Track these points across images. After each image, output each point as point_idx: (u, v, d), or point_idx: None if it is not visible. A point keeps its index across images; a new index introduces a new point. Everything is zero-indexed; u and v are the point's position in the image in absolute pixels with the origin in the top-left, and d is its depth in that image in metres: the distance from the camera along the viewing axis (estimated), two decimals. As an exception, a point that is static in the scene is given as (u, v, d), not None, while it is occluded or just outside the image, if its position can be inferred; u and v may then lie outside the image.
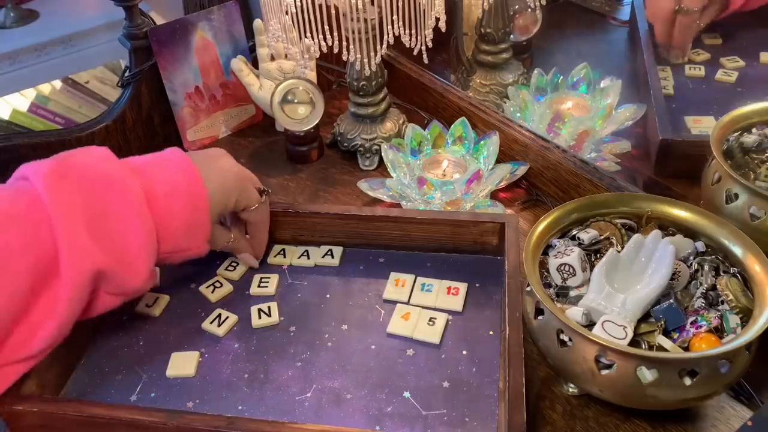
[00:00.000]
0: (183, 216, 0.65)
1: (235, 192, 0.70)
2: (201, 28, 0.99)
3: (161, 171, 0.65)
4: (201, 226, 0.67)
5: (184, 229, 0.65)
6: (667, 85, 0.96)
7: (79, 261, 0.57)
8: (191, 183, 0.66)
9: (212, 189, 0.67)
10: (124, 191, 0.61)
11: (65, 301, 0.57)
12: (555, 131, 0.93)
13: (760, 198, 0.67)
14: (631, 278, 0.63)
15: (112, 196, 0.61)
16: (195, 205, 0.65)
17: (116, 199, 0.61)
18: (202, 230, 0.67)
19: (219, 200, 0.68)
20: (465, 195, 0.83)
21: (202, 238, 0.68)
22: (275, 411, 0.62)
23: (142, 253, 0.62)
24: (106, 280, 0.60)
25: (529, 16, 1.10)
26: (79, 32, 2.04)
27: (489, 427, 0.59)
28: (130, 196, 0.61)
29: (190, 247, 0.67)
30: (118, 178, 0.62)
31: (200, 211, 0.66)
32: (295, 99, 0.95)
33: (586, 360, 0.57)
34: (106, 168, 0.62)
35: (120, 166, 0.63)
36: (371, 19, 0.82)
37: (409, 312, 0.70)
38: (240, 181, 0.71)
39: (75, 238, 0.57)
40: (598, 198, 0.70)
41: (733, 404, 0.63)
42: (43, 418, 0.59)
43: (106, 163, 0.63)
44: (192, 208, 0.65)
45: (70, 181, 0.60)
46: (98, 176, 0.61)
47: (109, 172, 0.62)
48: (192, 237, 0.67)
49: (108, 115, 0.99)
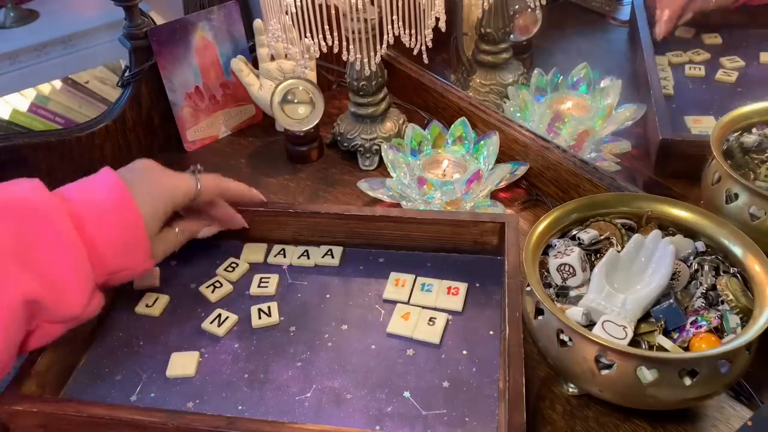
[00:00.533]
0: (116, 236, 0.63)
1: (168, 200, 0.68)
2: (201, 28, 0.99)
3: (89, 194, 0.64)
4: (138, 243, 0.65)
5: (119, 249, 0.63)
6: (667, 85, 0.96)
7: (6, 290, 0.56)
8: (120, 201, 0.64)
9: (144, 203, 0.65)
10: (50, 219, 0.59)
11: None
12: (555, 131, 0.93)
13: (760, 198, 0.67)
14: (631, 278, 0.63)
15: (38, 225, 0.59)
16: (127, 222, 0.64)
17: (42, 228, 0.59)
18: (140, 247, 0.65)
19: (154, 217, 0.66)
20: (465, 195, 0.83)
21: (142, 255, 0.66)
22: (275, 411, 0.62)
23: (75, 279, 0.60)
24: (41, 308, 0.58)
25: (529, 16, 1.10)
26: (79, 32, 2.04)
27: (489, 427, 0.59)
28: (56, 223, 0.59)
29: (131, 265, 0.65)
30: (43, 207, 0.60)
31: (134, 228, 0.64)
32: (295, 99, 0.95)
33: (586, 360, 0.57)
34: (31, 198, 0.60)
35: (47, 197, 0.61)
36: (371, 19, 0.82)
37: (409, 312, 0.70)
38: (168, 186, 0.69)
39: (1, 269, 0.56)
40: (598, 198, 0.70)
41: (733, 404, 0.63)
42: (43, 418, 0.59)
43: (32, 194, 0.61)
44: (124, 226, 0.64)
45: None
46: (23, 207, 0.59)
47: (34, 203, 0.60)
48: (131, 255, 0.65)
49: (108, 115, 0.99)
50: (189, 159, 1.03)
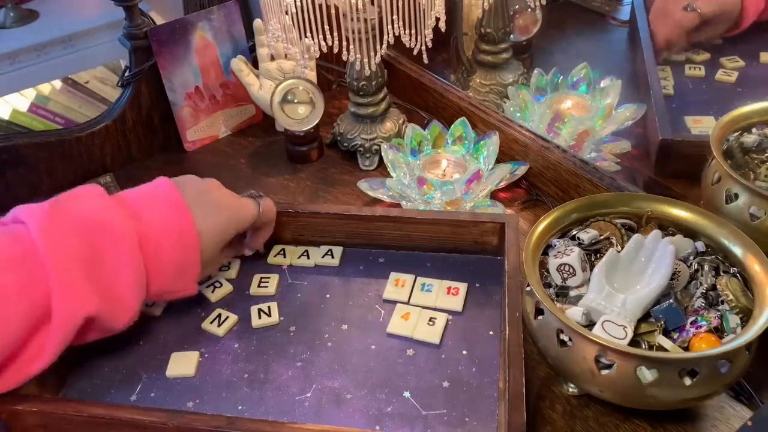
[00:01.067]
0: (173, 258, 0.64)
1: (230, 223, 0.69)
2: (201, 28, 0.99)
3: (153, 211, 0.64)
4: (190, 268, 0.66)
5: (173, 271, 0.65)
6: (667, 85, 0.96)
7: (72, 306, 0.58)
8: (182, 224, 0.65)
9: (204, 228, 0.66)
10: (117, 234, 0.61)
11: (53, 345, 0.58)
12: (555, 131, 0.93)
13: (760, 198, 0.67)
14: (631, 278, 0.63)
15: (105, 239, 0.61)
16: (185, 247, 0.65)
17: (110, 243, 0.61)
18: (191, 271, 0.66)
19: (213, 243, 0.67)
20: (465, 195, 0.83)
21: (191, 280, 0.67)
22: (275, 411, 0.62)
23: (132, 296, 0.62)
24: (96, 320, 0.60)
25: (529, 16, 1.10)
26: (79, 32, 2.04)
27: (489, 427, 0.59)
28: (123, 240, 0.61)
29: (178, 288, 0.67)
30: (111, 221, 0.61)
31: (190, 253, 0.65)
32: (295, 99, 0.95)
33: (586, 360, 0.57)
34: (99, 210, 0.62)
35: (114, 209, 0.62)
36: (371, 19, 0.82)
37: (409, 312, 0.70)
38: (232, 210, 0.70)
39: (68, 283, 0.58)
40: (598, 198, 0.70)
41: (733, 404, 0.63)
42: (43, 418, 0.59)
43: (100, 206, 0.62)
44: (182, 250, 0.65)
45: (64, 225, 0.60)
46: (92, 219, 0.61)
47: (102, 216, 0.62)
48: (181, 279, 0.66)
49: (108, 115, 0.99)
50: (189, 159, 1.03)
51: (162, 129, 1.03)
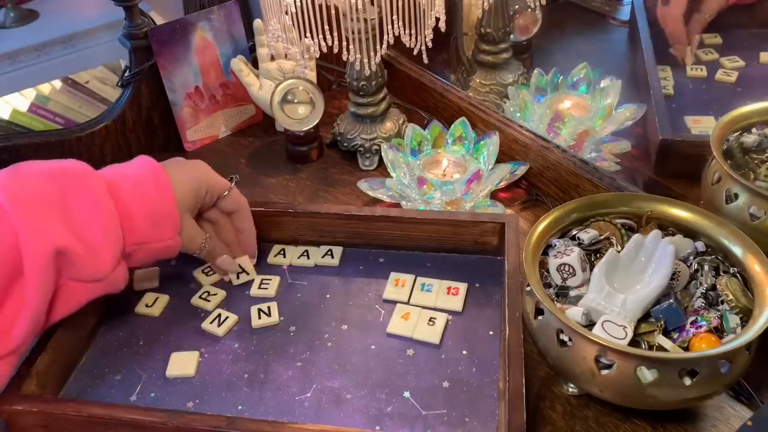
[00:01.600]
0: (147, 205, 0.65)
1: (202, 183, 0.70)
2: (201, 28, 0.99)
3: (125, 167, 0.67)
4: (168, 216, 0.66)
5: (149, 218, 0.65)
6: (667, 85, 0.96)
7: (40, 239, 0.57)
8: (155, 174, 0.67)
9: (177, 180, 0.68)
10: (85, 182, 0.62)
11: (33, 289, 0.57)
12: (555, 131, 0.93)
13: (760, 198, 0.67)
14: (631, 278, 0.63)
15: (73, 186, 0.62)
16: (160, 194, 0.66)
17: (77, 189, 0.62)
18: (169, 220, 0.67)
19: (186, 192, 0.69)
20: (465, 195, 0.83)
21: (170, 230, 0.67)
22: (275, 411, 0.62)
23: (105, 239, 0.62)
24: (69, 263, 0.60)
25: (529, 16, 1.10)
26: (79, 32, 2.04)
27: (489, 427, 0.59)
28: (91, 186, 0.62)
29: (158, 238, 0.66)
30: (83, 174, 0.63)
31: (166, 201, 0.66)
32: (295, 99, 0.95)
33: (586, 360, 0.57)
34: (73, 167, 0.64)
35: (88, 168, 0.64)
36: (371, 19, 0.82)
37: (409, 312, 0.70)
38: (205, 175, 0.71)
39: (34, 221, 0.58)
40: (598, 198, 0.70)
41: (733, 404, 0.63)
42: (43, 418, 0.59)
43: (75, 165, 0.64)
44: (157, 197, 0.66)
45: (29, 175, 0.61)
46: (59, 170, 0.62)
47: (76, 170, 0.63)
48: (159, 228, 0.66)
49: (108, 115, 0.99)
50: (189, 159, 1.03)
51: (162, 129, 1.03)
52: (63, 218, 0.60)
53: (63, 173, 0.62)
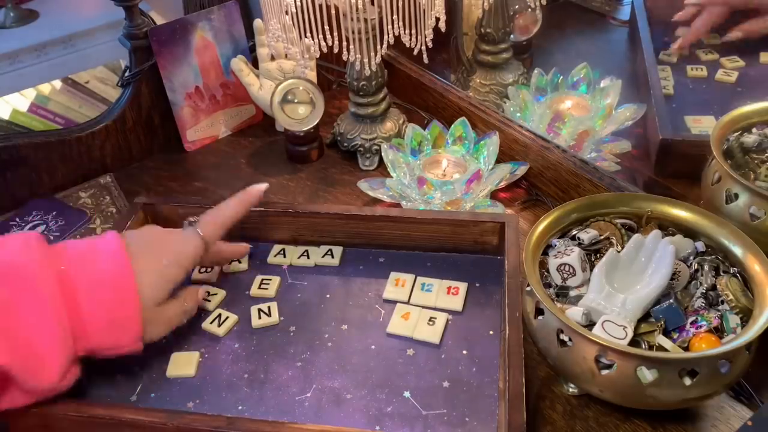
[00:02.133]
0: (105, 312, 0.59)
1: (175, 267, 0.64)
2: (201, 28, 0.99)
3: (89, 261, 0.60)
4: (128, 322, 0.60)
5: (106, 326, 0.59)
6: (667, 85, 0.96)
7: None
8: (119, 275, 0.60)
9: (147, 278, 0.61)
10: (35, 285, 0.56)
11: None
12: (555, 131, 0.93)
13: (760, 198, 0.67)
14: (631, 278, 0.63)
15: (21, 290, 0.56)
16: (121, 299, 0.59)
17: (26, 293, 0.56)
18: (130, 326, 0.60)
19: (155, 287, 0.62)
20: (465, 195, 0.83)
21: (131, 336, 0.60)
22: (275, 411, 0.62)
23: (52, 353, 0.56)
24: (11, 376, 0.55)
25: (529, 16, 1.10)
26: (79, 32, 2.04)
27: (489, 427, 0.59)
28: (41, 289, 0.56)
29: (116, 345, 0.60)
30: (30, 269, 0.57)
31: (127, 306, 0.60)
32: (295, 99, 0.95)
33: (586, 360, 0.57)
34: (18, 257, 0.57)
35: (36, 255, 0.58)
36: (371, 19, 0.82)
37: (409, 312, 0.70)
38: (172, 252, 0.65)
39: None
40: (598, 198, 0.70)
41: (733, 404, 0.63)
42: (43, 418, 0.59)
43: (22, 256, 0.57)
44: (117, 302, 0.59)
45: None
46: (10, 268, 0.56)
47: (21, 265, 0.57)
48: (117, 334, 0.60)
49: (108, 115, 1.00)
50: (189, 159, 1.03)
51: (162, 129, 1.03)
52: (5, 331, 0.54)
53: (13, 273, 0.56)
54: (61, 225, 0.90)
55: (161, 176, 1.00)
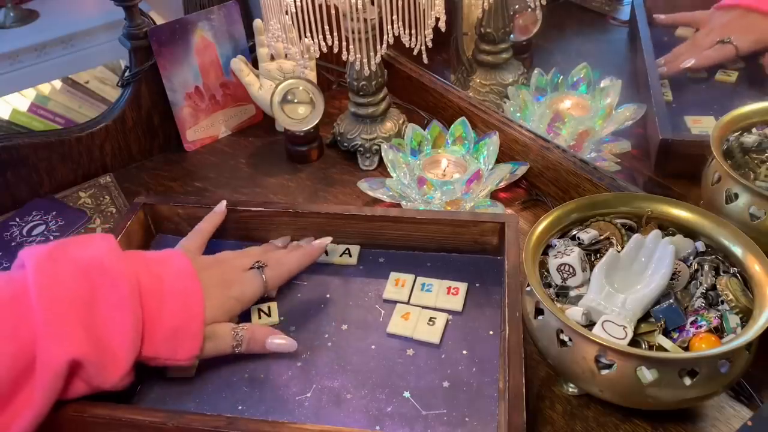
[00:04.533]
0: (174, 319, 0.61)
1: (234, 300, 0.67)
2: (201, 28, 0.99)
3: (163, 267, 0.63)
4: (190, 336, 0.61)
5: (171, 334, 0.61)
6: (666, 84, 0.96)
7: (57, 347, 0.55)
8: (189, 286, 0.63)
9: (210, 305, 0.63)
10: (118, 280, 0.59)
11: (41, 391, 0.55)
12: (555, 131, 0.93)
13: (760, 198, 0.67)
14: (631, 278, 0.63)
15: (105, 283, 0.59)
16: (189, 310, 0.62)
17: (107, 288, 0.58)
18: (190, 342, 0.61)
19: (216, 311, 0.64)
20: (465, 195, 0.83)
21: (188, 352, 0.62)
22: (275, 411, 0.62)
23: (125, 348, 0.58)
24: (82, 369, 0.57)
25: (529, 16, 1.10)
26: (79, 32, 2.04)
27: (489, 427, 0.59)
28: (123, 286, 0.59)
29: (172, 357, 0.61)
30: (114, 266, 0.60)
31: (193, 319, 0.62)
32: (295, 99, 0.95)
33: (586, 360, 0.57)
34: (104, 255, 0.60)
35: (120, 255, 0.61)
36: (371, 19, 0.82)
37: (409, 312, 0.70)
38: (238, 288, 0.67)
39: (55, 324, 0.55)
40: (598, 198, 0.70)
41: (733, 404, 0.63)
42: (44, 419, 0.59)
43: (106, 251, 0.61)
44: (186, 313, 0.61)
45: (63, 266, 0.58)
46: (95, 263, 0.59)
47: (106, 260, 0.60)
48: (177, 346, 0.61)
49: (108, 115, 0.99)
50: (189, 159, 1.03)
51: (162, 129, 1.03)
52: (87, 323, 0.57)
53: (96, 267, 0.59)
54: (61, 225, 0.90)
55: (161, 176, 1.00)
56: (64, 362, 0.55)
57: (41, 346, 0.55)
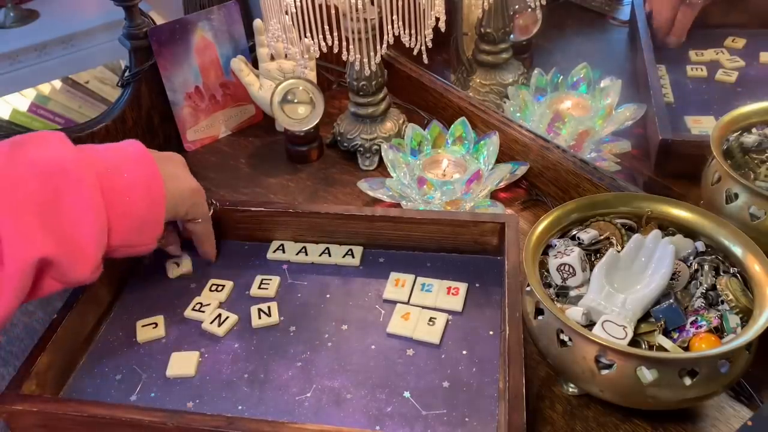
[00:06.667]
0: (139, 210, 0.64)
1: (188, 203, 0.71)
2: (201, 28, 0.99)
3: (121, 162, 0.65)
4: (154, 223, 0.66)
5: (137, 224, 0.65)
6: (666, 84, 0.96)
7: (24, 248, 0.57)
8: (150, 179, 0.65)
9: (169, 193, 0.67)
10: (78, 179, 0.60)
11: (10, 290, 0.56)
12: (555, 131, 0.93)
13: (760, 198, 0.67)
14: (631, 278, 0.63)
15: (66, 183, 0.60)
16: (152, 200, 0.65)
17: (70, 187, 0.60)
18: (154, 227, 0.66)
19: (172, 206, 0.68)
20: (465, 195, 0.83)
21: (153, 236, 0.67)
22: (275, 411, 0.62)
23: (92, 244, 0.61)
24: (52, 267, 0.59)
25: (529, 16, 1.10)
26: (79, 32, 2.04)
27: (489, 427, 0.59)
28: (84, 185, 0.60)
29: (139, 242, 0.66)
30: (73, 168, 0.61)
31: (156, 208, 0.66)
32: (295, 99, 0.95)
33: (586, 360, 0.57)
34: (62, 155, 0.61)
35: (76, 157, 0.62)
36: (371, 19, 0.82)
37: (409, 312, 0.70)
38: (194, 195, 0.72)
39: (20, 225, 0.57)
40: (598, 198, 0.70)
41: (733, 404, 0.63)
42: (43, 418, 0.59)
43: (63, 151, 0.62)
44: (149, 203, 0.65)
45: (22, 168, 0.59)
46: (53, 163, 0.60)
47: (64, 160, 0.61)
48: (144, 233, 0.66)
49: (108, 115, 0.99)
50: (189, 159, 1.03)
51: (162, 129, 1.03)
52: (51, 224, 0.59)
53: (59, 171, 0.60)
54: (61, 225, 0.90)
55: (161, 176, 1.00)
56: (31, 262, 0.57)
57: (6, 247, 0.56)
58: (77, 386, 0.66)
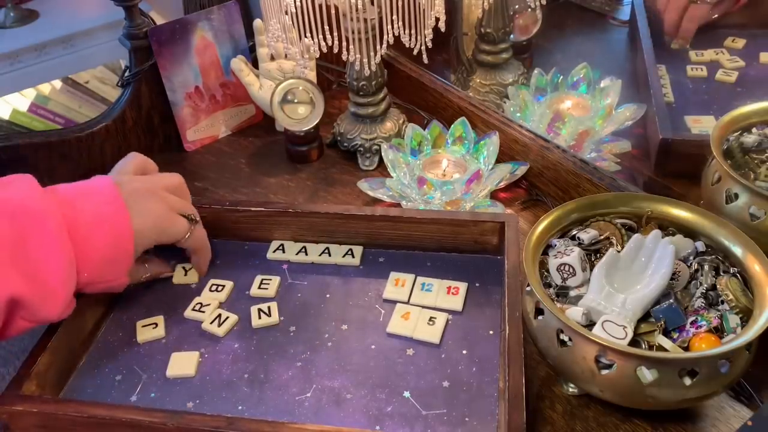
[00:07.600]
0: (104, 247, 0.64)
1: (160, 232, 0.70)
2: (201, 28, 0.99)
3: (86, 200, 0.65)
4: (122, 260, 0.66)
5: (104, 260, 0.65)
6: (666, 84, 0.96)
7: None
8: (116, 214, 0.65)
9: (138, 223, 0.67)
10: (44, 221, 0.61)
11: None
12: (555, 131, 0.93)
13: (760, 198, 0.67)
14: (631, 278, 0.63)
15: (31, 223, 0.60)
16: (118, 236, 0.65)
17: (36, 229, 0.60)
18: (123, 263, 0.66)
19: (143, 238, 0.68)
20: (465, 195, 0.83)
21: (122, 271, 0.67)
22: (275, 411, 0.62)
23: (61, 282, 0.61)
24: (21, 306, 0.60)
25: (529, 16, 1.10)
26: (79, 32, 2.04)
27: (489, 427, 0.59)
28: (50, 226, 0.61)
29: (108, 278, 0.66)
30: (38, 208, 0.61)
31: (123, 244, 0.66)
32: (295, 99, 0.95)
33: (586, 360, 0.57)
34: (27, 196, 0.62)
35: (41, 197, 0.62)
36: (371, 19, 0.82)
37: (409, 312, 0.70)
38: (166, 221, 0.70)
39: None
40: (598, 198, 0.70)
41: (733, 404, 0.63)
42: (43, 418, 0.59)
43: (27, 192, 0.63)
44: (114, 239, 0.65)
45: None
46: (18, 204, 0.61)
47: (29, 203, 0.61)
48: (111, 269, 0.66)
49: (108, 115, 0.99)
50: (189, 159, 1.03)
51: (162, 129, 1.03)
52: (19, 263, 0.59)
53: (24, 212, 0.60)
54: (61, 225, 0.90)
55: (161, 176, 1.00)
56: (3, 301, 0.57)
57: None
58: (77, 387, 0.66)
